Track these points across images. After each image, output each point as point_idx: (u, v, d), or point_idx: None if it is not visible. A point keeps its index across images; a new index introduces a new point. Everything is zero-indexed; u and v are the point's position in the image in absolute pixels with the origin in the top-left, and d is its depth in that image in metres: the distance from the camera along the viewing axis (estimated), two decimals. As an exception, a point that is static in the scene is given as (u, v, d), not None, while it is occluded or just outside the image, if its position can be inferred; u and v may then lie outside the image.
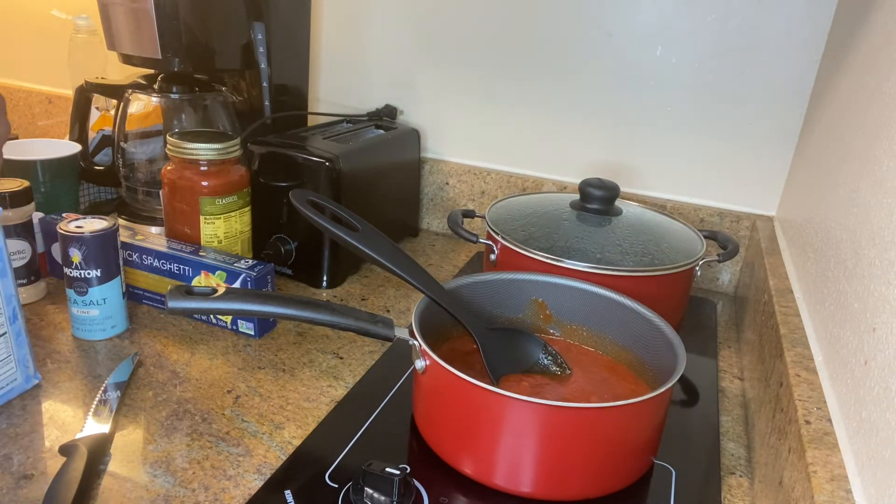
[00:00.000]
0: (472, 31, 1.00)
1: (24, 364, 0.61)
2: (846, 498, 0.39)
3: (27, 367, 0.61)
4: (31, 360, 0.61)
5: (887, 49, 0.57)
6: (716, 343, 0.81)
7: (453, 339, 0.66)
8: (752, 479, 0.58)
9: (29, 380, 0.62)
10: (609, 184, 0.80)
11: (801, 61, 0.86)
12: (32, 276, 0.76)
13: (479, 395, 0.50)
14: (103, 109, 1.06)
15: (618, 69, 0.95)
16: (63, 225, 0.67)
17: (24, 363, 0.61)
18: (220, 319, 0.74)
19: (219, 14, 0.85)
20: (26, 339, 0.61)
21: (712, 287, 0.97)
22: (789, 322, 0.61)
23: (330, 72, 1.11)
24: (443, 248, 1.04)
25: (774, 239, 0.84)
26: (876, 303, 0.45)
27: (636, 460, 0.54)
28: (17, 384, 0.60)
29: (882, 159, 0.51)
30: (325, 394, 0.65)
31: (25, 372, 0.61)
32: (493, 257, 0.77)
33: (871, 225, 0.50)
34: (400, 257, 0.59)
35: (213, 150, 0.75)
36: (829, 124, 0.72)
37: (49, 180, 0.86)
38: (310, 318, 0.53)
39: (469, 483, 0.53)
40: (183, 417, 0.60)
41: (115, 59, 0.88)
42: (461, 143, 1.07)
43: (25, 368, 0.61)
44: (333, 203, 0.59)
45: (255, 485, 0.52)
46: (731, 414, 0.67)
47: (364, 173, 0.88)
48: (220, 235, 0.78)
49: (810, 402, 0.49)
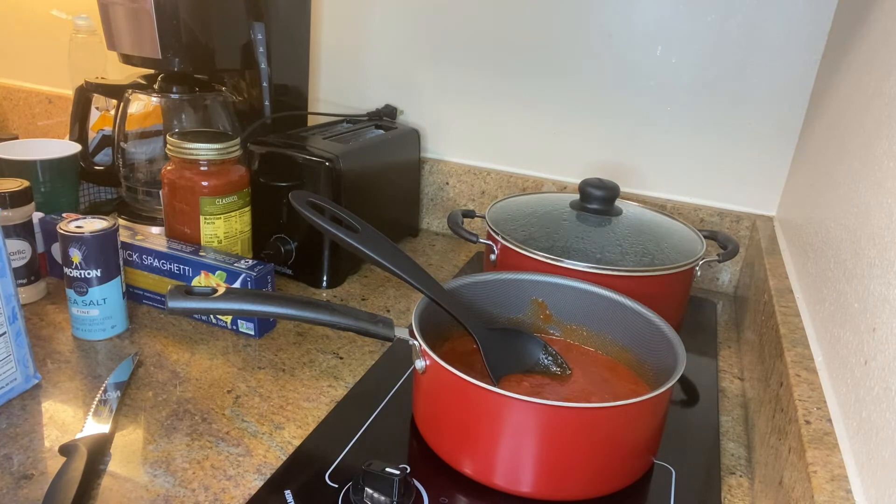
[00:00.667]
0: (473, 32, 1.00)
1: (24, 364, 0.61)
2: (846, 498, 0.39)
3: (27, 366, 0.61)
4: (30, 360, 0.62)
5: (887, 49, 0.57)
6: (716, 343, 0.81)
7: (453, 339, 0.66)
8: (752, 479, 0.58)
9: (29, 380, 0.62)
10: (609, 184, 0.80)
11: (801, 61, 0.86)
12: (32, 276, 0.76)
13: (480, 395, 0.50)
14: (103, 109, 1.06)
15: (618, 69, 0.95)
16: (63, 225, 0.67)
17: (23, 363, 0.61)
18: (220, 319, 0.74)
19: (219, 14, 0.85)
20: (26, 339, 0.61)
21: (712, 287, 0.97)
22: (789, 322, 0.61)
23: (330, 72, 1.11)
24: (443, 248, 1.04)
25: (774, 239, 0.84)
26: (876, 303, 0.45)
27: (636, 460, 0.54)
28: (17, 384, 0.60)
29: (882, 159, 0.51)
30: (325, 394, 0.65)
31: (25, 372, 0.61)
32: (493, 257, 0.78)
33: (870, 225, 0.50)
34: (400, 258, 0.59)
35: (213, 150, 0.75)
36: (829, 124, 0.72)
37: (49, 180, 0.86)
38: (310, 318, 0.53)
39: (469, 483, 0.53)
40: (183, 417, 0.60)
41: (115, 59, 0.88)
42: (461, 143, 1.07)
43: (25, 368, 0.61)
44: (333, 204, 0.59)
45: (255, 485, 0.52)
46: (731, 414, 0.67)
47: (364, 173, 0.88)
48: (220, 235, 0.78)
49: (810, 402, 0.49)
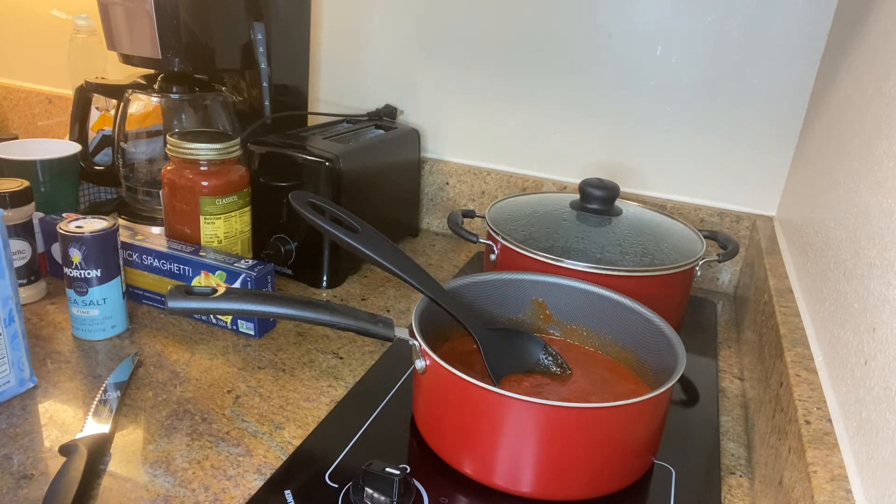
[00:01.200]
0: (473, 32, 1.00)
1: (19, 367, 0.60)
2: (846, 498, 0.39)
3: (22, 370, 0.60)
4: (27, 364, 0.61)
5: (887, 49, 0.57)
6: (716, 343, 0.81)
7: (453, 339, 0.66)
8: (752, 479, 0.58)
9: (23, 383, 0.61)
10: (609, 184, 0.80)
11: (801, 61, 0.86)
12: (32, 276, 0.76)
13: (480, 395, 0.50)
14: (103, 109, 1.06)
15: (618, 69, 0.95)
16: (63, 225, 0.67)
17: (18, 366, 0.60)
18: (220, 319, 0.74)
19: (219, 14, 0.85)
20: (22, 342, 0.60)
21: (712, 287, 0.97)
22: (789, 322, 0.61)
23: (330, 72, 1.11)
24: (443, 248, 1.04)
25: (774, 239, 0.84)
26: (876, 303, 0.45)
27: (636, 460, 0.54)
28: (10, 387, 0.60)
29: (882, 159, 0.51)
30: (325, 394, 0.65)
31: (20, 375, 0.60)
32: (493, 257, 0.78)
33: (870, 225, 0.50)
34: (400, 258, 0.59)
35: (213, 150, 0.75)
36: (829, 124, 0.72)
37: (49, 180, 0.85)
38: (310, 318, 0.53)
39: (469, 483, 0.53)
40: (183, 417, 0.60)
41: (115, 59, 0.88)
42: (461, 143, 1.07)
43: (20, 371, 0.60)
44: (333, 205, 0.59)
45: (255, 485, 0.52)
46: (731, 414, 0.67)
47: (364, 173, 0.88)
48: (220, 235, 0.78)
49: (810, 402, 0.49)
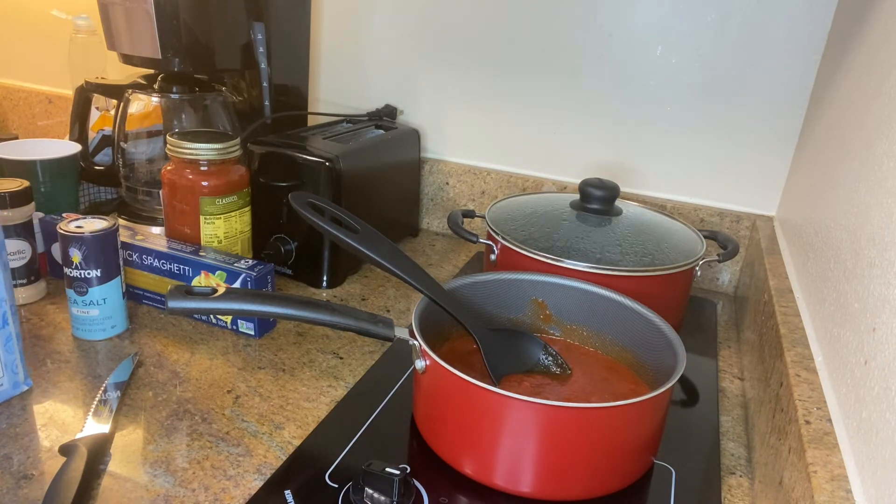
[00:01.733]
0: (473, 32, 1.00)
1: (13, 369, 0.59)
2: (846, 498, 0.39)
3: (16, 372, 0.60)
4: (21, 366, 0.60)
5: (887, 49, 0.57)
6: (716, 343, 0.81)
7: (453, 339, 0.66)
8: (752, 479, 0.58)
9: (17, 386, 0.60)
10: (609, 184, 0.80)
11: (801, 61, 0.86)
12: (32, 276, 0.76)
13: (480, 395, 0.50)
14: (103, 109, 1.06)
15: (618, 69, 0.95)
16: (63, 225, 0.67)
17: (12, 368, 0.59)
18: (220, 319, 0.74)
19: (219, 14, 0.85)
20: (17, 345, 0.59)
21: (712, 287, 0.97)
22: (789, 322, 0.61)
23: (330, 72, 1.11)
24: (443, 248, 1.04)
25: (774, 239, 0.84)
26: (876, 303, 0.45)
27: (636, 460, 0.54)
28: (3, 389, 0.59)
29: (882, 159, 0.51)
30: (325, 394, 0.65)
31: (13, 378, 0.60)
32: (493, 257, 0.78)
33: (870, 225, 0.50)
34: (400, 258, 0.59)
35: (213, 150, 0.75)
36: (829, 124, 0.72)
37: (49, 180, 0.85)
38: (310, 318, 0.53)
39: (469, 483, 0.53)
40: (183, 417, 0.60)
41: (115, 59, 0.88)
42: (461, 143, 1.07)
43: (14, 374, 0.60)
44: (333, 205, 0.59)
45: (255, 485, 0.52)
46: (731, 414, 0.67)
47: (364, 173, 0.88)
48: (220, 235, 0.78)
49: (810, 402, 0.49)
